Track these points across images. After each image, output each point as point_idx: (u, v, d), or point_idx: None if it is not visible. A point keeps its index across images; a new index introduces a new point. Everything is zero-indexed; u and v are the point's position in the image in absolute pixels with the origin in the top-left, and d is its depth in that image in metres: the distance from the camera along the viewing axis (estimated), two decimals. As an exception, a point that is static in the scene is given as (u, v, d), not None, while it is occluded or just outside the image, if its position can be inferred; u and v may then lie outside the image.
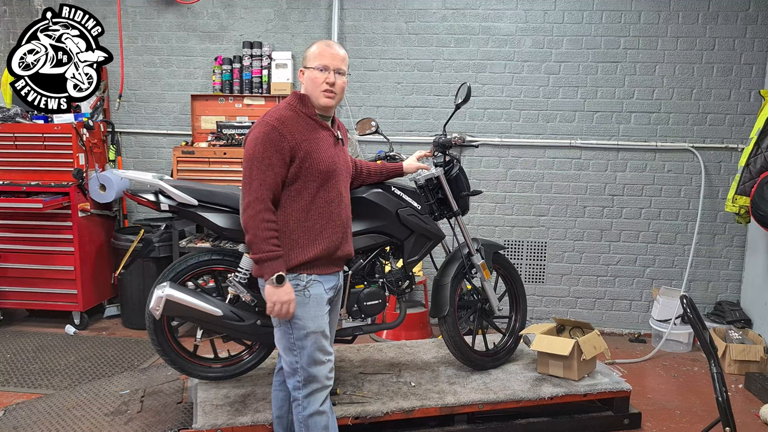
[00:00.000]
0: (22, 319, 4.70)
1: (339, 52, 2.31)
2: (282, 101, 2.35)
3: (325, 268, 2.30)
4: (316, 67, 2.27)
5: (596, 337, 3.24)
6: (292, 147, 2.19)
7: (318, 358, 2.27)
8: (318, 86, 2.27)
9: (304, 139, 2.22)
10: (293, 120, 2.24)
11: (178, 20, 4.79)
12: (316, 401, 2.29)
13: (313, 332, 2.26)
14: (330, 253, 2.29)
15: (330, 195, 2.28)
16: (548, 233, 4.67)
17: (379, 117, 4.59)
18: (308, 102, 2.30)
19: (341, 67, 2.31)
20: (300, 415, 2.30)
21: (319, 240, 2.26)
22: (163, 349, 2.83)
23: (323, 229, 2.27)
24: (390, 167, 2.94)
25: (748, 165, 3.85)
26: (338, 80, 2.30)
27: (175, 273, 2.80)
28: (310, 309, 2.25)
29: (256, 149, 2.17)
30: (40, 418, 3.08)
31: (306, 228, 2.24)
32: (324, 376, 2.30)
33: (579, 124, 4.56)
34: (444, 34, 4.58)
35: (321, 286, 2.28)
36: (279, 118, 2.22)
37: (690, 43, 4.41)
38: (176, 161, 4.45)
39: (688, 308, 2.65)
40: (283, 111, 2.26)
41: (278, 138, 2.17)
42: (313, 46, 2.32)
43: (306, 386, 2.28)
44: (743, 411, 3.40)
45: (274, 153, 2.17)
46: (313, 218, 2.25)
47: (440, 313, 3.14)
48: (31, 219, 4.30)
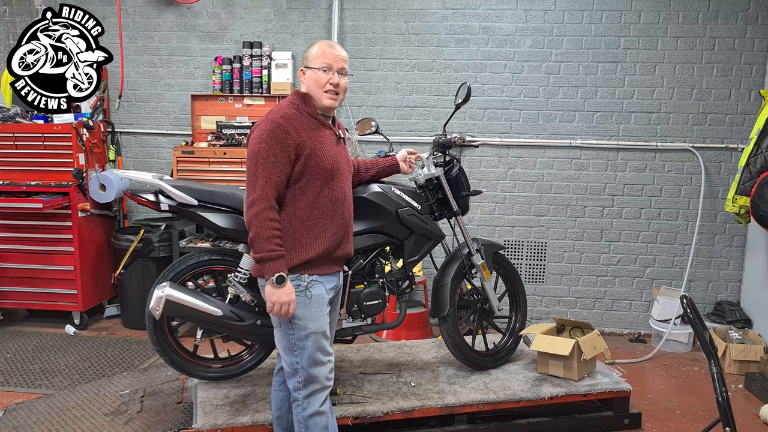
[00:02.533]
0: (22, 319, 4.70)
1: (341, 53, 2.32)
2: (284, 100, 2.35)
3: (326, 267, 2.30)
4: (320, 68, 2.27)
5: (596, 337, 3.24)
6: (297, 145, 2.18)
7: (318, 358, 2.27)
8: (321, 87, 2.27)
9: (309, 137, 2.22)
10: (297, 118, 2.24)
11: (178, 20, 4.79)
12: (316, 402, 2.29)
13: (314, 333, 2.25)
14: (331, 252, 2.29)
15: (334, 193, 2.28)
16: (548, 233, 4.67)
17: (379, 117, 4.59)
18: (310, 101, 2.30)
19: (344, 67, 2.32)
20: (300, 415, 2.30)
21: (322, 238, 2.25)
22: (163, 349, 2.83)
23: (326, 227, 2.26)
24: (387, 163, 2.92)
25: (748, 165, 3.84)
26: (341, 81, 2.30)
27: (175, 273, 2.80)
28: (312, 309, 2.25)
29: (261, 146, 2.16)
30: (40, 418, 3.08)
31: (309, 226, 2.23)
32: (324, 377, 2.29)
33: (579, 124, 4.56)
34: (444, 34, 4.58)
35: (322, 287, 2.28)
36: (284, 116, 2.21)
37: (690, 43, 4.41)
38: (176, 161, 4.45)
39: (688, 308, 2.65)
40: (287, 109, 2.26)
41: (284, 135, 2.16)
42: (314, 46, 2.31)
43: (306, 387, 2.28)
44: (743, 411, 3.39)
45: (279, 150, 2.16)
46: (316, 216, 2.24)
47: (440, 313, 3.14)
48: (31, 219, 4.30)
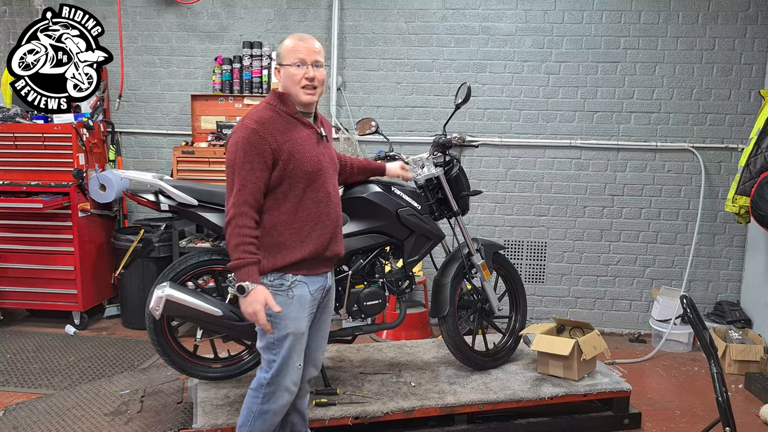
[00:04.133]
0: (22, 319, 4.70)
1: (314, 44, 2.23)
2: (262, 101, 2.28)
3: (313, 269, 2.27)
4: (293, 63, 2.19)
5: (596, 337, 3.24)
6: (274, 150, 2.13)
7: (293, 361, 2.25)
8: (297, 83, 2.19)
9: (287, 140, 2.16)
10: (274, 121, 2.18)
11: (178, 20, 4.79)
12: (277, 401, 2.28)
13: (293, 333, 2.23)
14: (319, 254, 2.25)
15: (318, 195, 2.24)
16: (548, 233, 4.67)
17: (379, 117, 4.59)
18: (288, 100, 2.23)
19: (318, 59, 2.22)
20: (255, 406, 2.29)
21: (308, 241, 2.22)
22: (163, 349, 2.84)
23: (312, 230, 2.23)
24: (373, 166, 2.91)
25: (748, 165, 3.84)
26: (317, 73, 2.22)
27: (175, 273, 2.80)
28: (293, 310, 2.22)
29: (237, 155, 2.12)
30: (40, 418, 3.08)
31: (294, 230, 2.20)
32: (292, 382, 2.28)
33: (579, 124, 4.56)
34: (444, 34, 4.58)
35: (306, 288, 2.24)
36: (258, 120, 2.15)
37: (690, 43, 4.41)
38: (176, 161, 4.45)
39: (688, 308, 2.65)
40: (263, 112, 2.20)
41: (259, 141, 2.11)
42: (285, 41, 2.24)
43: (272, 384, 2.26)
44: (743, 411, 3.39)
45: (255, 157, 2.11)
46: (301, 220, 2.21)
47: (440, 313, 3.14)
48: (31, 219, 4.30)
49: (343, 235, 2.90)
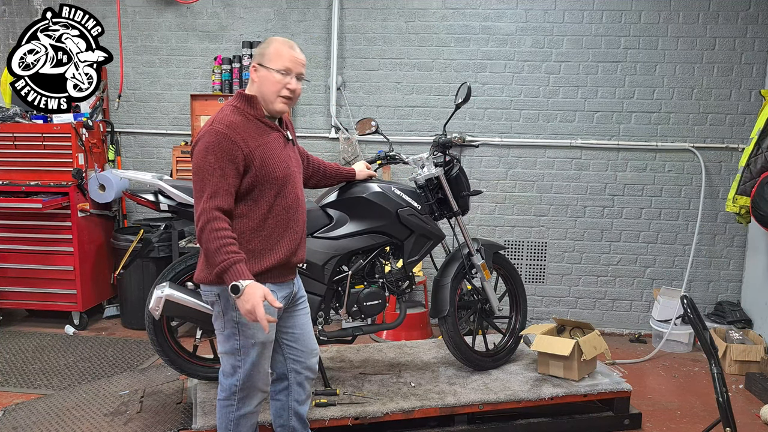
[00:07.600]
0: (21, 319, 4.70)
1: (301, 56, 2.19)
2: (226, 104, 2.18)
3: (280, 276, 2.22)
4: (277, 70, 2.12)
5: (596, 338, 3.24)
6: (246, 155, 2.06)
7: (263, 367, 2.24)
8: (276, 91, 2.13)
9: (258, 145, 2.10)
10: (243, 125, 2.10)
11: (178, 20, 4.78)
12: (252, 402, 2.28)
13: (261, 342, 2.20)
14: (287, 261, 2.21)
15: (288, 201, 2.18)
16: (548, 233, 4.66)
17: (379, 117, 4.58)
18: (257, 104, 2.16)
19: (302, 71, 2.18)
20: (232, 414, 2.27)
21: (277, 248, 2.17)
22: (163, 349, 2.83)
23: (281, 237, 2.18)
24: (344, 171, 2.85)
25: (749, 165, 3.84)
26: (298, 87, 2.17)
27: (175, 273, 2.80)
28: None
29: (207, 160, 2.03)
30: (39, 418, 3.08)
31: (264, 237, 2.15)
32: (264, 383, 2.28)
33: (579, 124, 4.56)
34: (444, 34, 4.58)
35: (275, 296, 2.15)
36: (229, 125, 2.07)
37: (690, 42, 4.41)
38: (176, 161, 4.45)
39: (689, 308, 2.64)
40: (231, 116, 2.11)
41: (230, 146, 2.04)
42: (273, 43, 2.16)
43: (243, 390, 2.25)
44: (744, 411, 3.39)
45: (227, 162, 2.03)
46: (270, 226, 2.16)
47: (440, 314, 3.13)
48: (31, 219, 4.29)
49: (344, 235, 2.91)
